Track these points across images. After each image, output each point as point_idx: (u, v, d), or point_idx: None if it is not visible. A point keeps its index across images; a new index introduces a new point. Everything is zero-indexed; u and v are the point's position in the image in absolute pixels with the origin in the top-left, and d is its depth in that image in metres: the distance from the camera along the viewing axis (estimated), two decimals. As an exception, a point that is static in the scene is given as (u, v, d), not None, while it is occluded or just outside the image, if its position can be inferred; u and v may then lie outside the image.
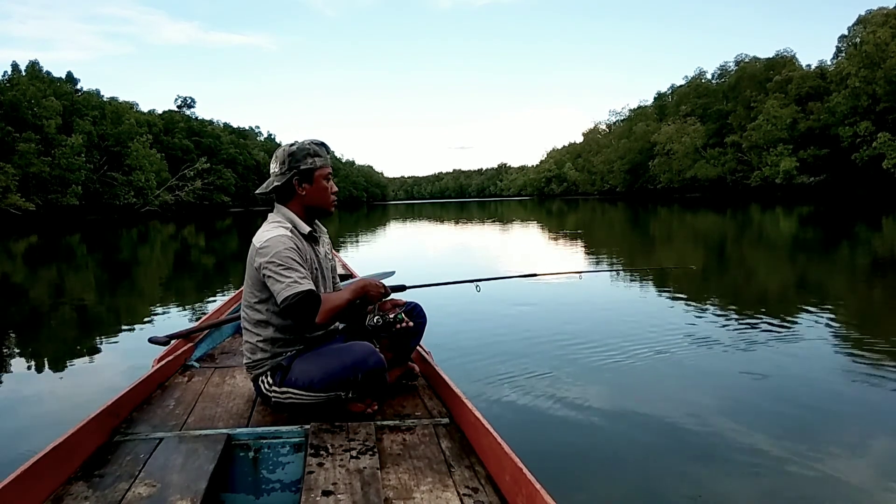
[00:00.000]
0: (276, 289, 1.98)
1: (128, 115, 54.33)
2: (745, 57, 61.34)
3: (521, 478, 1.43)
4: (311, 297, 1.98)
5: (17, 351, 5.11)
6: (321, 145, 2.17)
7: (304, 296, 1.96)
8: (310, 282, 2.02)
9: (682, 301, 6.38)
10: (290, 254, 2.01)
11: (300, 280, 1.98)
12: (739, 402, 3.27)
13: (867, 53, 41.28)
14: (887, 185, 40.01)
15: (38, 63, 48.72)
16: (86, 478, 1.63)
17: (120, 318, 6.53)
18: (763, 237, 15.43)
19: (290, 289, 1.95)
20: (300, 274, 2.00)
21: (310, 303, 1.98)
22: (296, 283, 1.96)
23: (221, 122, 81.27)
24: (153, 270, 12.05)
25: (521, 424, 2.92)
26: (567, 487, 2.27)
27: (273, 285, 1.98)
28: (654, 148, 67.09)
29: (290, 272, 1.98)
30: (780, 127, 48.91)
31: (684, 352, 4.31)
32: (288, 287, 1.96)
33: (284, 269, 1.98)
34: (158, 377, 2.44)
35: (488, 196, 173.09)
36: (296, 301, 1.95)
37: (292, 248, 2.04)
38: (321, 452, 1.75)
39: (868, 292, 6.97)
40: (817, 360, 4.03)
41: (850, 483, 2.34)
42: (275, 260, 1.98)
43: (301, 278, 1.99)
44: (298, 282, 1.97)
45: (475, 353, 4.28)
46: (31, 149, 40.54)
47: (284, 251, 2.00)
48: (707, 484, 2.39)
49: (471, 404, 1.89)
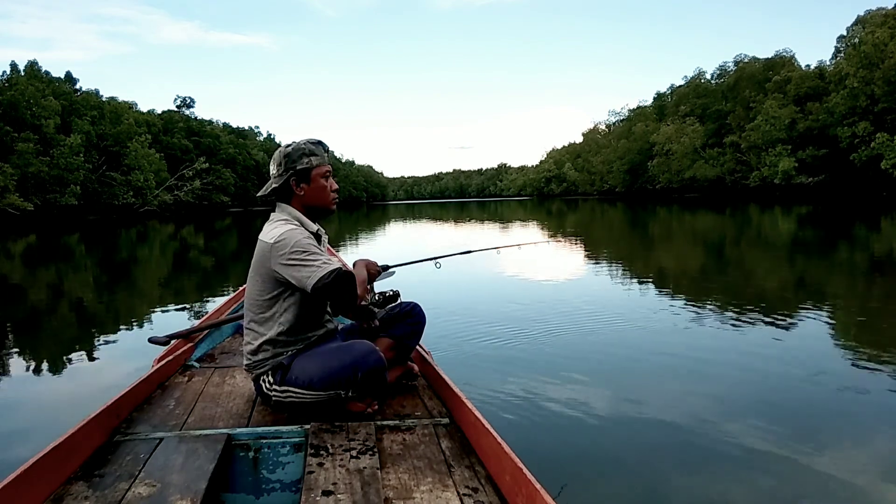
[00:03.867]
0: (303, 274, 1.96)
1: (127, 115, 54.29)
2: (744, 57, 61.45)
3: (521, 478, 1.43)
4: (345, 273, 1.98)
5: (16, 351, 5.10)
6: (318, 144, 2.17)
7: (339, 273, 1.95)
8: (337, 262, 2.02)
9: (681, 301, 6.38)
10: (309, 241, 2.03)
11: (327, 262, 1.98)
12: (739, 401, 3.28)
13: (866, 54, 41.31)
14: (886, 185, 40.05)
15: (37, 63, 48.76)
16: (86, 478, 1.63)
17: (120, 318, 6.52)
18: (762, 237, 15.44)
19: (321, 269, 1.95)
20: (324, 257, 2.01)
21: (346, 279, 1.97)
22: (325, 264, 1.96)
23: (221, 122, 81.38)
24: (153, 270, 12.04)
25: (521, 424, 2.92)
26: (567, 487, 2.27)
27: (299, 272, 1.96)
28: (653, 148, 67.18)
29: (315, 256, 1.98)
30: (778, 127, 48.94)
31: (684, 351, 4.32)
32: (319, 268, 1.95)
33: (309, 255, 1.98)
34: (158, 377, 2.44)
35: (488, 196, 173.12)
36: (331, 280, 1.94)
37: (308, 237, 2.05)
38: (321, 452, 1.75)
39: (867, 292, 6.97)
40: (817, 360, 4.03)
41: (851, 482, 2.34)
42: (296, 249, 1.98)
43: (326, 261, 1.99)
44: (327, 263, 1.97)
45: (475, 352, 4.28)
46: (29, 149, 40.49)
47: (303, 240, 2.01)
48: (707, 483, 2.39)
49: (471, 404, 1.89)
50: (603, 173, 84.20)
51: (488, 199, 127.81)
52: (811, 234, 16.12)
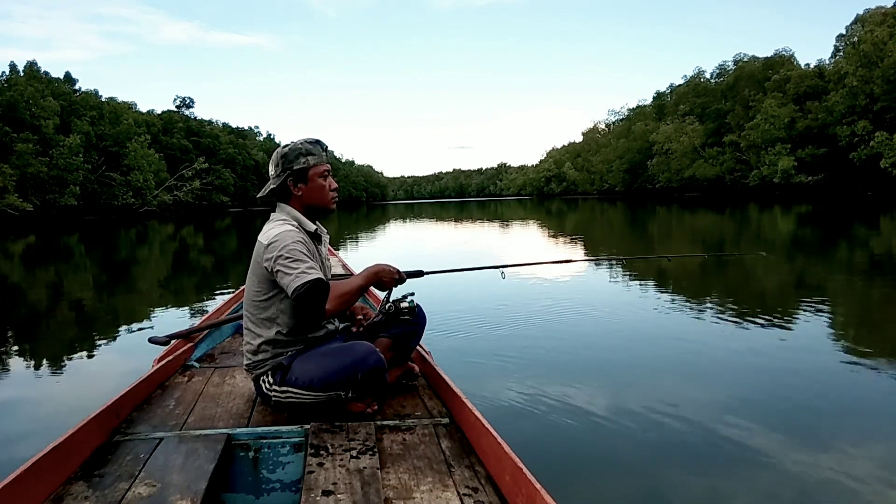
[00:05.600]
0: (285, 282, 1.98)
1: (126, 115, 54.24)
2: (743, 56, 61.41)
3: (521, 478, 1.43)
4: (320, 284, 1.99)
5: (16, 351, 5.10)
6: (315, 143, 2.16)
7: (313, 284, 1.96)
8: (318, 271, 2.02)
9: (681, 301, 6.38)
10: (298, 247, 2.03)
11: (308, 270, 1.99)
12: (738, 401, 3.27)
13: (865, 53, 41.30)
14: (885, 183, 40.05)
15: (36, 63, 48.71)
16: (86, 478, 1.63)
17: (119, 318, 6.52)
18: (761, 237, 15.43)
19: (298, 279, 1.96)
20: (308, 265, 2.00)
21: (319, 290, 1.98)
22: (304, 273, 1.97)
23: (220, 122, 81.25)
24: (152, 270, 12.04)
25: (521, 424, 2.92)
26: (567, 487, 2.27)
27: (283, 279, 1.99)
28: (652, 147, 67.15)
29: (298, 264, 1.99)
30: (778, 126, 48.92)
31: (684, 351, 4.32)
32: (297, 277, 1.96)
33: (293, 262, 1.98)
34: (158, 377, 2.44)
35: (488, 196, 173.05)
36: (305, 290, 1.95)
37: (300, 242, 2.05)
38: (321, 452, 1.75)
39: (866, 290, 6.98)
40: (816, 359, 4.04)
41: (851, 482, 2.34)
42: (283, 253, 1.99)
43: (309, 268, 1.99)
44: (306, 272, 1.98)
45: (475, 352, 4.28)
46: (28, 149, 40.44)
47: (292, 244, 2.01)
48: (707, 483, 2.40)
49: (471, 404, 1.89)
50: (603, 173, 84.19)
51: (488, 199, 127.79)
52: (811, 233, 16.12)
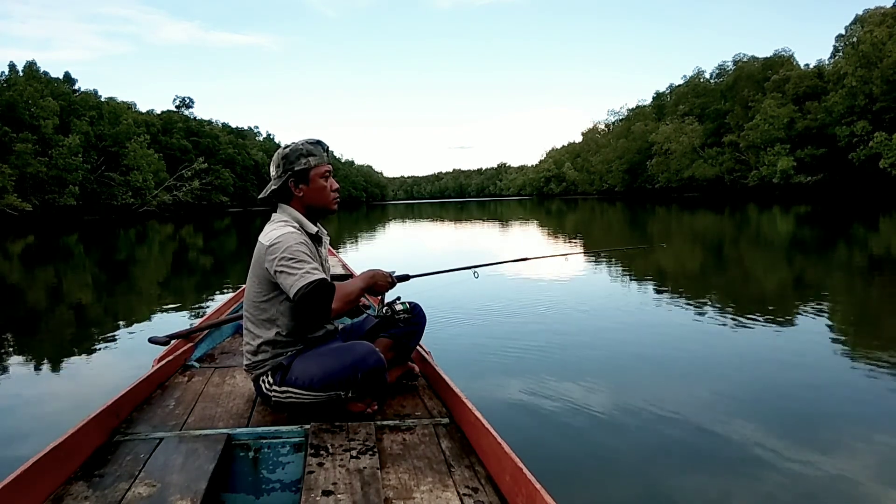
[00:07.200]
0: (288, 282, 1.97)
1: (125, 116, 54.19)
2: (743, 56, 61.41)
3: (521, 478, 1.43)
4: (325, 285, 1.98)
5: (16, 351, 5.10)
6: (316, 144, 2.16)
7: (318, 284, 1.96)
8: (321, 272, 2.02)
9: (681, 301, 6.39)
10: (301, 248, 2.02)
11: (312, 271, 1.98)
12: (738, 401, 3.28)
13: (864, 53, 41.31)
14: (884, 184, 40.07)
15: (36, 63, 48.60)
16: (86, 478, 1.63)
17: (119, 318, 6.52)
18: (761, 237, 15.44)
19: (302, 279, 1.95)
20: (312, 265, 2.00)
21: (324, 291, 1.98)
22: (308, 274, 1.97)
23: (220, 123, 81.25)
24: (152, 270, 12.03)
25: (521, 424, 2.92)
26: (567, 487, 2.28)
27: (285, 279, 1.98)
28: (652, 148, 67.17)
29: (301, 264, 1.98)
30: (777, 126, 48.94)
31: (684, 351, 4.32)
32: (301, 278, 1.96)
33: (296, 262, 1.98)
34: (158, 377, 2.44)
35: (488, 196, 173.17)
36: (310, 290, 1.95)
37: (302, 243, 2.05)
38: (321, 452, 1.75)
39: (866, 290, 6.98)
40: (817, 360, 4.04)
41: (851, 482, 2.35)
42: (286, 255, 1.99)
43: (313, 269, 1.99)
44: (310, 272, 1.97)
45: (475, 352, 4.28)
46: (28, 149, 40.41)
47: (294, 245, 2.01)
48: (707, 483, 2.40)
49: (471, 404, 1.89)
50: (602, 173, 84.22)
51: (488, 199, 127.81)
52: (810, 233, 16.12)
